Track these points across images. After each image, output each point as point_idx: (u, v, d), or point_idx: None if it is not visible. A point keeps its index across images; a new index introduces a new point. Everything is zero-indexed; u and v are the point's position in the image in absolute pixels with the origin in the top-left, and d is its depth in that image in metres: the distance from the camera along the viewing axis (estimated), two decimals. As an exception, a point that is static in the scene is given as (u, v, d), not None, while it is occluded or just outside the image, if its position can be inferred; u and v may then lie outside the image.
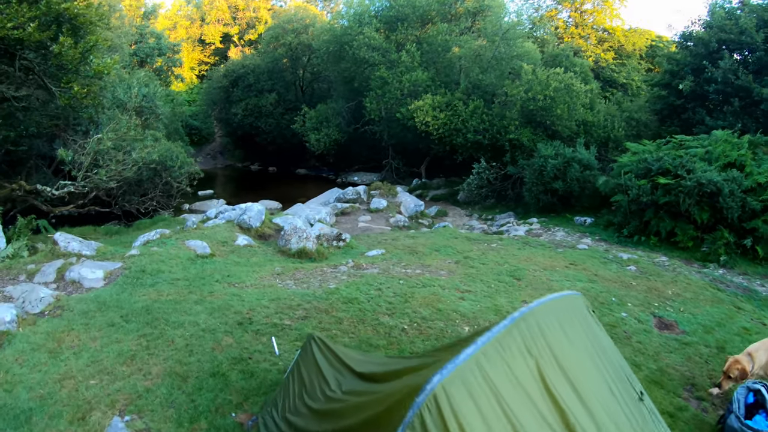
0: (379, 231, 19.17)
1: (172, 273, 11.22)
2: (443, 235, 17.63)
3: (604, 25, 44.75)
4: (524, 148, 25.83)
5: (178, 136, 33.44)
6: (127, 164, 15.95)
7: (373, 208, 21.47)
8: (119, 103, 17.34)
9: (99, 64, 13.78)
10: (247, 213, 15.93)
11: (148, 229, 20.12)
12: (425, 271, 12.42)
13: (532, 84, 25.32)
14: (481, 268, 12.79)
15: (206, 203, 28.25)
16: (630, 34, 44.12)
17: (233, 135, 43.89)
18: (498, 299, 10.54)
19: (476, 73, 28.40)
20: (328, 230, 15.48)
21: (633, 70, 40.26)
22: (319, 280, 11.20)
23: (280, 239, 14.35)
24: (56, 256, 12.42)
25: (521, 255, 14.22)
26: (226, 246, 14.00)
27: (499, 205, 26.49)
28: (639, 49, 43.18)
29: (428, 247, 15.31)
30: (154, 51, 40.34)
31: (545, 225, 20.92)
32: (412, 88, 28.62)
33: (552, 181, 21.86)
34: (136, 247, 13.48)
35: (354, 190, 22.83)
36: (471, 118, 26.60)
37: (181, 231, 15.11)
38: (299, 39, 38.88)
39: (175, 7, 61.42)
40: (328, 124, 33.73)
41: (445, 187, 31.18)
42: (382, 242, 16.34)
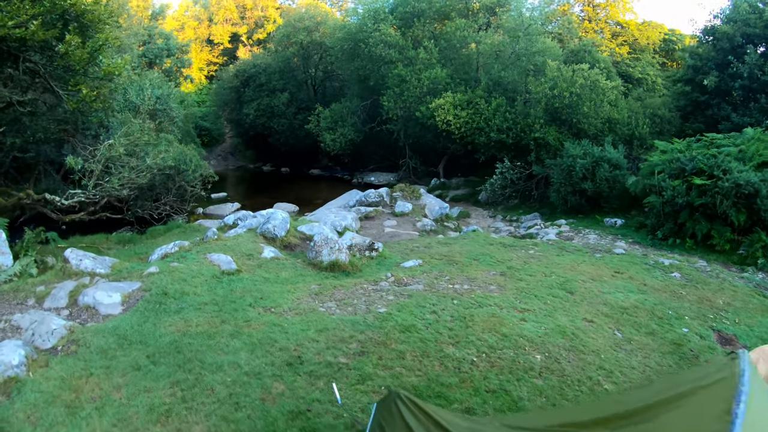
0: (408, 237, 17.84)
1: (197, 295, 9.91)
2: (476, 241, 16.38)
3: (618, 18, 43.59)
4: (549, 147, 24.57)
5: (191, 138, 32.15)
6: (141, 171, 14.64)
7: (398, 212, 20.11)
8: (131, 106, 16.01)
9: (109, 64, 12.44)
10: (271, 221, 14.60)
11: (162, 236, 19.00)
12: (473, 286, 11.23)
13: (558, 81, 24.00)
14: (529, 280, 11.72)
15: (220, 207, 27.00)
16: (644, 28, 42.94)
17: (244, 136, 42.51)
18: (558, 318, 9.46)
19: (498, 69, 27.01)
20: (360, 239, 14.15)
21: (647, 65, 38.89)
22: (364, 301, 9.88)
23: (310, 251, 13.02)
24: (67, 276, 11.14)
25: (563, 263, 13.32)
26: (251, 259, 12.69)
27: (522, 205, 25.25)
28: (653, 43, 41.88)
29: (465, 255, 14.13)
30: (163, 52, 39.03)
31: (574, 227, 19.89)
32: (431, 85, 27.25)
33: (581, 181, 20.74)
34: (155, 263, 12.18)
35: (376, 192, 21.46)
36: (494, 116, 25.25)
37: (201, 242, 13.80)
38: (311, 37, 37.50)
39: (183, 8, 60.20)
40: (343, 123, 32.33)
41: (464, 186, 29.83)
42: (416, 251, 15.10)
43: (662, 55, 43.12)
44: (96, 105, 12.24)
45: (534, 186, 25.15)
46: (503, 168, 24.97)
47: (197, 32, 56.43)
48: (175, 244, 13.41)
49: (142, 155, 14.47)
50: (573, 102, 23.83)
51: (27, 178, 21.84)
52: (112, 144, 13.17)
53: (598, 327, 9.29)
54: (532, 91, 24.90)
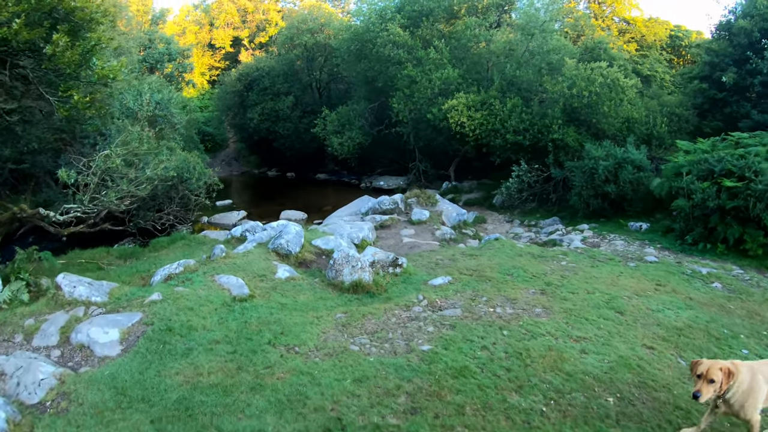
0: (428, 247, 16.43)
1: (207, 330, 8.51)
2: (503, 251, 15.10)
3: (624, 15, 42.43)
4: (568, 148, 23.23)
5: (194, 144, 30.75)
6: (141, 183, 13.20)
7: (415, 220, 18.69)
8: (129, 113, 14.54)
9: (103, 67, 10.99)
10: (284, 236, 13.19)
11: (166, 248, 17.69)
12: (517, 309, 10.01)
13: (576, 80, 22.62)
14: (574, 300, 10.54)
15: (226, 215, 25.60)
16: (650, 24, 41.74)
17: (249, 140, 40.96)
18: (618, 346, 8.36)
19: (512, 68, 25.57)
20: (382, 255, 12.74)
21: (655, 62, 37.57)
22: (401, 334, 8.49)
23: (330, 270, 11.62)
24: (60, 305, 9.74)
25: (602, 276, 12.33)
26: (265, 281, 11.30)
27: (540, 209, 23.98)
28: (660, 40, 40.66)
29: (496, 270, 12.90)
30: (164, 56, 37.57)
31: (598, 232, 18.79)
32: (442, 86, 25.80)
33: (603, 184, 19.65)
34: (157, 286, 10.80)
35: (391, 199, 20.05)
36: (509, 117, 23.84)
37: (208, 261, 12.39)
38: (315, 39, 36.07)
39: (184, 13, 58.90)
40: (350, 126, 30.85)
41: (478, 190, 28.42)
42: (441, 265, 13.81)
43: (669, 51, 41.90)
44: (90, 112, 10.81)
45: (552, 189, 23.82)
46: (520, 171, 23.62)
47: (198, 37, 55.08)
48: (179, 263, 12.02)
49: (141, 166, 13.01)
50: (592, 101, 22.51)
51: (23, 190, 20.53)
52: (108, 155, 11.74)
53: (660, 354, 8.23)
54: (549, 91, 23.49)
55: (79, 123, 13.72)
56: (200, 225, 24.74)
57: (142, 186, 12.94)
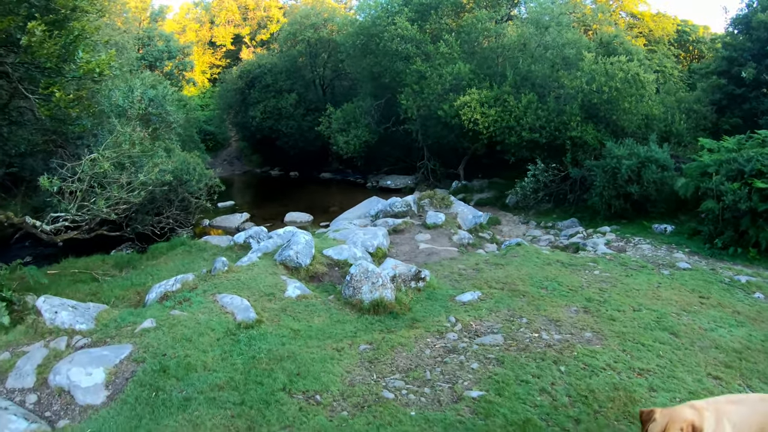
0: (446, 254, 14.95)
1: (208, 369, 7.09)
2: (529, 259, 13.69)
3: (632, 10, 40.99)
4: (587, 147, 21.76)
5: (194, 144, 29.26)
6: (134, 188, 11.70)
7: (430, 224, 17.16)
8: (120, 112, 12.96)
9: (89, 61, 9.48)
10: (293, 247, 11.71)
11: (165, 255, 16.32)
12: (564, 333, 8.68)
13: (595, 75, 21.13)
14: (622, 320, 9.25)
15: (228, 218, 24.13)
16: (658, 19, 40.30)
17: (251, 139, 39.34)
18: (683, 378, 7.24)
19: (527, 63, 24.04)
20: (404, 267, 11.25)
21: (663, 57, 36.08)
22: (441, 372, 7.07)
23: (346, 287, 10.14)
24: (40, 334, 8.30)
25: (641, 288, 11.16)
26: (273, 300, 9.84)
27: (556, 209, 22.52)
28: (667, 35, 39.24)
29: (527, 282, 11.55)
30: (163, 54, 36.11)
31: (621, 235, 17.51)
32: (454, 82, 24.26)
33: (626, 184, 18.32)
34: (151, 308, 9.35)
35: (403, 201, 18.55)
36: (525, 114, 22.34)
37: (209, 276, 10.92)
38: (318, 34, 34.50)
39: (184, 10, 57.35)
40: (356, 124, 29.27)
41: (489, 189, 26.92)
42: (465, 276, 12.44)
43: (676, 46, 40.52)
44: (73, 111, 9.32)
45: (568, 189, 22.37)
46: (536, 170, 22.13)
47: (199, 35, 53.52)
48: (176, 279, 10.56)
49: (133, 170, 11.48)
50: (612, 97, 21.06)
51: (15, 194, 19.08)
52: (95, 158, 10.24)
53: (728, 385, 7.14)
54: (567, 86, 21.96)
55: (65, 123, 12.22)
56: (201, 228, 23.34)
57: (136, 192, 11.43)
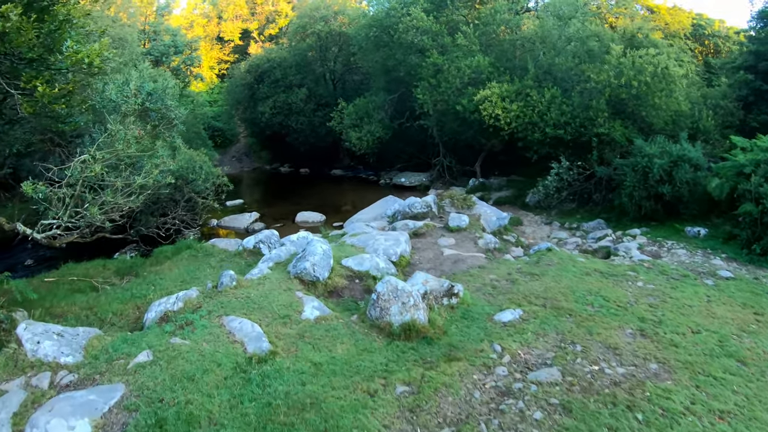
0: (473, 261, 13.50)
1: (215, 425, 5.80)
2: (565, 268, 12.37)
3: (648, 3, 39.39)
4: (614, 144, 20.25)
5: (201, 141, 27.84)
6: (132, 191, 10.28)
7: (454, 227, 15.72)
8: (114, 107, 11.47)
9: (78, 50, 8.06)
10: (309, 258, 10.28)
11: (170, 260, 15.04)
12: (626, 365, 7.67)
13: (623, 68, 19.58)
14: (685, 346, 8.28)
15: (236, 217, 22.74)
16: (674, 12, 38.67)
17: (260, 135, 37.83)
18: (763, 418, 6.39)
19: (551, 56, 22.47)
20: (435, 282, 9.80)
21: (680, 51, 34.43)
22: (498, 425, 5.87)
23: (373, 307, 8.72)
24: (20, 369, 7.02)
25: (691, 303, 10.26)
26: (289, 324, 8.44)
27: (580, 209, 21.06)
28: (683, 28, 37.64)
29: (570, 296, 10.36)
30: (169, 49, 34.59)
31: (652, 238, 16.35)
32: (473, 75, 22.71)
33: (657, 184, 16.95)
34: (149, 334, 7.97)
35: (422, 201, 17.10)
36: (548, 109, 20.81)
37: (215, 292, 9.51)
38: (329, 27, 32.94)
39: (191, 6, 55.74)
40: (369, 120, 27.72)
41: (507, 188, 25.41)
42: (499, 288, 11.13)
43: (692, 40, 38.94)
44: (58, 107, 7.95)
45: (593, 188, 20.87)
46: (560, 168, 20.62)
47: (206, 30, 52.02)
48: (178, 297, 9.17)
49: (129, 172, 10.02)
50: (641, 92, 19.51)
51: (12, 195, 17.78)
52: (86, 160, 8.84)
53: None
54: (593, 80, 20.38)
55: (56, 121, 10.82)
56: (209, 228, 21.99)
57: (134, 197, 10.02)
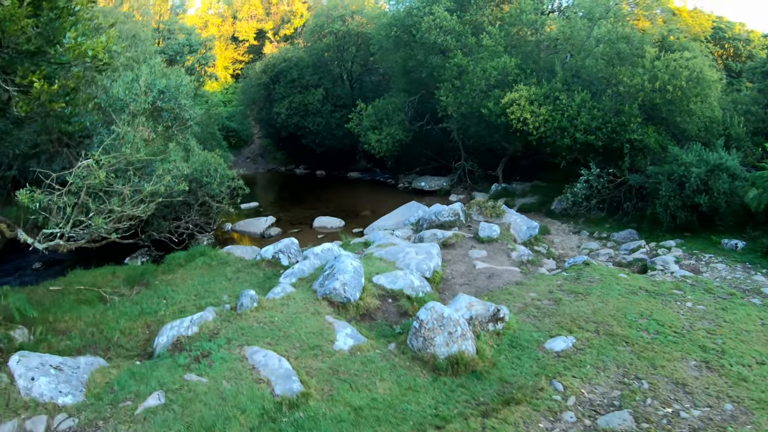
0: (509, 276, 12.32)
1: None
2: (608, 285, 11.34)
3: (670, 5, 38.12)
4: (647, 151, 19.11)
5: (216, 142, 26.75)
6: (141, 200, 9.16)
7: (484, 237, 14.54)
8: (122, 106, 10.22)
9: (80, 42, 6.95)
10: (338, 276, 9.12)
11: (182, 267, 14.00)
12: (700, 406, 6.68)
13: (658, 72, 18.36)
14: (754, 380, 7.40)
15: (252, 222, 21.66)
16: (695, 15, 37.47)
17: (275, 136, 36.58)
18: None
19: (580, 57, 21.23)
20: (480, 306, 8.61)
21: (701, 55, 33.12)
22: None
23: (414, 337, 7.56)
24: (12, 410, 5.98)
25: (747, 327, 9.31)
26: (320, 356, 7.32)
27: (609, 219, 19.90)
28: (704, 31, 36.44)
29: (621, 319, 9.52)
30: (184, 48, 33.49)
31: (688, 251, 15.36)
32: (499, 77, 21.47)
33: (694, 194, 15.90)
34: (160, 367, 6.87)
35: (450, 209, 15.94)
36: (578, 114, 19.60)
37: (234, 315, 8.38)
38: (347, 26, 31.75)
39: (206, 5, 54.71)
40: (389, 122, 26.47)
41: (532, 194, 24.19)
42: (544, 310, 10.11)
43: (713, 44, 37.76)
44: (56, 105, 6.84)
45: (624, 196, 19.73)
46: (590, 175, 19.44)
47: (221, 29, 50.93)
48: (192, 320, 8.05)
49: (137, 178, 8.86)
50: (676, 97, 18.31)
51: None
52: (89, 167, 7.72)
53: None
54: (625, 84, 19.15)
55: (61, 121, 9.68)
56: (223, 232, 20.92)
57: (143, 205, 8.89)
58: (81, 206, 8.95)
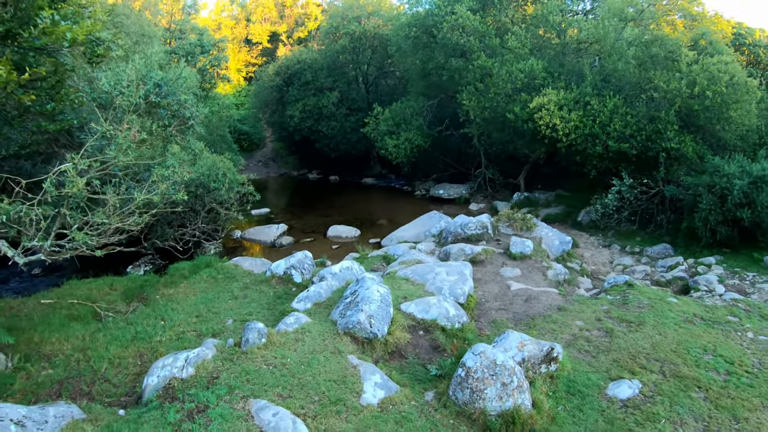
0: (548, 299, 10.73)
1: None
2: (662, 314, 9.81)
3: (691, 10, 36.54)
4: (683, 160, 17.55)
5: (226, 144, 25.35)
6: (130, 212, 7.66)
7: (516, 253, 12.98)
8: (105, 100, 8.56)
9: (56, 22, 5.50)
10: (363, 306, 7.57)
11: (186, 279, 12.75)
12: None
13: (696, 77, 16.79)
14: None
15: (263, 229, 20.19)
16: (717, 20, 35.76)
17: (288, 140, 35.10)
18: None
19: (612, 60, 19.63)
20: (533, 345, 7.04)
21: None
22: None
23: (460, 388, 6.03)
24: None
25: None
26: (345, 412, 5.83)
27: (641, 232, 18.30)
28: (725, 37, 34.77)
29: (685, 356, 8.03)
30: (195, 48, 32.08)
31: (730, 269, 14.04)
32: (525, 80, 19.89)
33: (736, 208, 14.59)
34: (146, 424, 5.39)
35: (478, 222, 14.35)
36: (611, 120, 18.03)
37: (238, 353, 6.87)
38: (363, 28, 30.25)
39: (219, 8, 53.40)
40: (407, 126, 24.91)
41: (556, 203, 22.59)
42: (596, 343, 8.62)
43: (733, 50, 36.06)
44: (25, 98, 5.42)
45: (656, 208, 18.17)
46: (622, 185, 17.87)
47: (234, 32, 49.63)
48: (188, 359, 6.59)
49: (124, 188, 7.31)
50: (715, 104, 16.76)
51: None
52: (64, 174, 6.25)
53: None
54: (661, 89, 17.56)
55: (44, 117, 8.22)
56: (232, 240, 19.49)
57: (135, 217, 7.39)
58: (62, 217, 7.51)
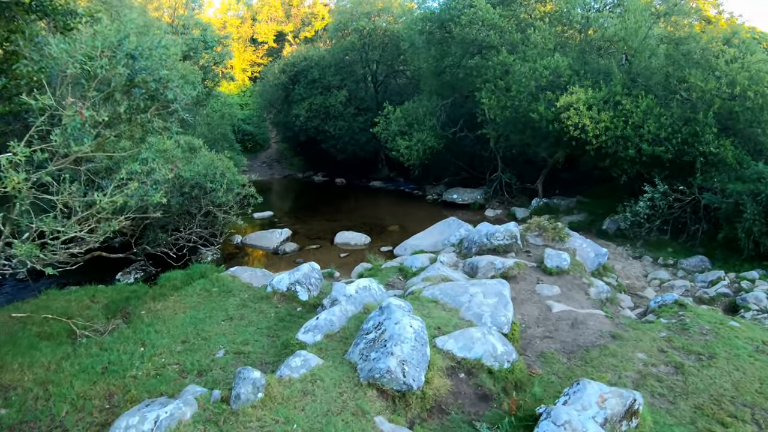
0: (597, 325, 8.85)
1: None
2: (730, 342, 8.17)
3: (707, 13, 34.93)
4: (722, 166, 15.86)
5: (227, 143, 23.51)
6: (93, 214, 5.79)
7: (552, 268, 11.07)
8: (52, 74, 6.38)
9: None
10: (394, 347, 5.66)
11: (177, 291, 11.28)
12: None
13: (737, 76, 15.03)
14: None
15: (265, 235, 18.35)
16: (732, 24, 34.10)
17: (293, 140, 33.15)
18: None
19: (642, 58, 17.75)
20: (615, 399, 5.13)
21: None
22: None
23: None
24: None
25: None
26: None
27: (673, 242, 16.59)
28: (741, 41, 33.01)
29: None
30: (199, 44, 30.30)
31: None
32: (550, 77, 17.97)
33: None
34: None
35: (506, 230, 12.37)
36: (644, 122, 16.20)
37: (226, 412, 4.94)
38: (373, 24, 28.33)
39: (225, 6, 51.69)
40: (419, 127, 22.94)
41: (578, 210, 20.71)
42: (672, 386, 6.95)
43: (750, 53, 34.30)
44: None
45: (690, 217, 16.37)
46: (655, 192, 16.03)
47: (240, 31, 47.82)
48: (159, 420, 4.67)
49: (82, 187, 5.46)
50: (757, 105, 15.12)
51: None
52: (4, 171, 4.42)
53: None
54: (698, 89, 15.70)
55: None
56: (231, 246, 17.68)
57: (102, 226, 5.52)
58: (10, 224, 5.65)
